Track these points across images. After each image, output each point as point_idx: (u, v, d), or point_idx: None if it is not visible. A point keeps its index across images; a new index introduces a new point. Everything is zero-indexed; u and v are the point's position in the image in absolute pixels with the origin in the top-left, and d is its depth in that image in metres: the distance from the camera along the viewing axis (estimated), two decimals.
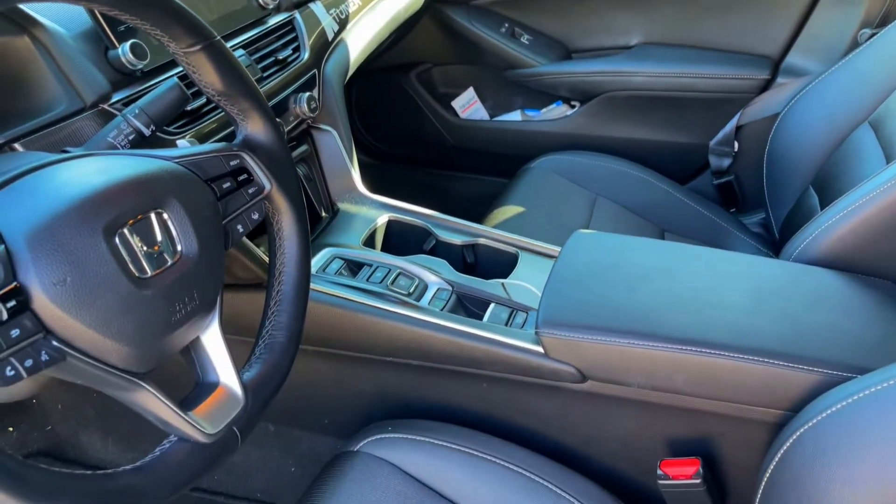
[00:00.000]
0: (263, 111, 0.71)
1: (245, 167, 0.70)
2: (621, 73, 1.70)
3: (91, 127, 0.78)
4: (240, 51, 1.00)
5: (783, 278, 0.94)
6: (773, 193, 1.46)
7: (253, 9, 1.07)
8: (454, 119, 1.95)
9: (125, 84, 0.83)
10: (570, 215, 1.45)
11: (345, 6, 1.32)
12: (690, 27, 1.69)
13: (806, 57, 1.57)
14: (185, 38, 0.63)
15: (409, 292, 1.00)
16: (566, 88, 1.80)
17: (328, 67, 1.20)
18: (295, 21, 1.15)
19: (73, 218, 0.52)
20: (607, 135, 1.79)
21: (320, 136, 1.20)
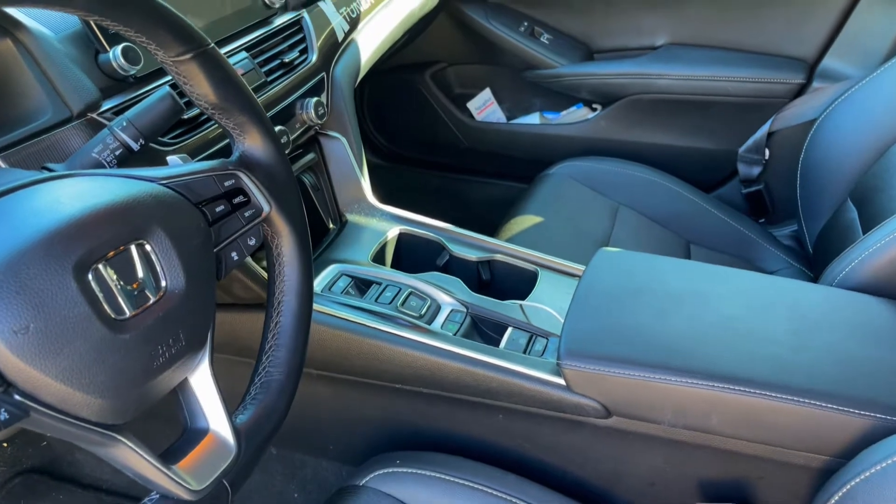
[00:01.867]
0: (262, 125, 0.64)
1: (241, 187, 0.63)
2: (646, 75, 1.62)
3: (78, 137, 0.72)
4: (242, 53, 0.94)
5: (826, 306, 0.87)
6: (808, 205, 1.38)
7: (258, 8, 1.00)
8: (469, 121, 1.88)
9: (116, 91, 0.77)
10: (592, 226, 1.38)
11: (356, 4, 1.25)
12: (720, 28, 1.60)
13: (844, 60, 1.48)
14: (174, 45, 0.57)
15: (420, 314, 0.93)
16: (587, 90, 1.72)
17: (338, 70, 1.13)
18: (303, 21, 1.08)
19: (40, 254, 0.46)
20: (630, 139, 1.71)
21: (328, 144, 1.13)
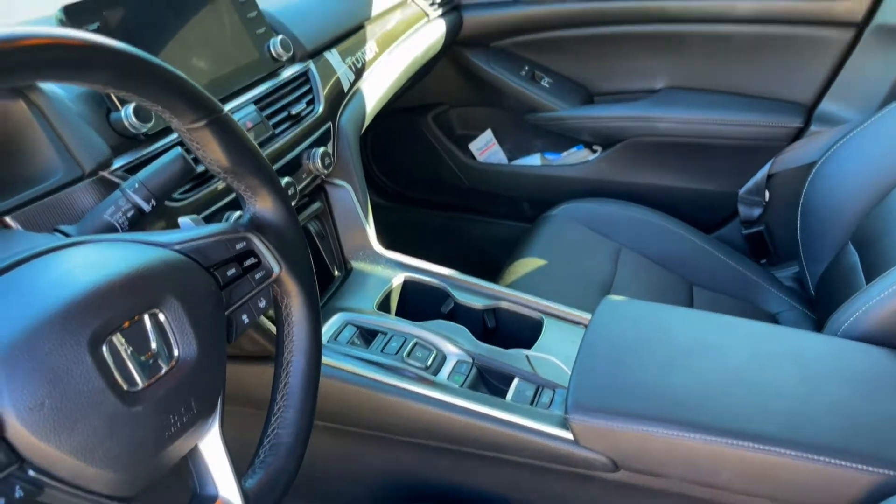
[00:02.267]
0: (273, 187, 0.65)
1: (252, 249, 0.64)
2: (646, 118, 1.64)
3: (89, 196, 0.73)
4: (251, 106, 0.95)
5: (832, 358, 0.87)
6: (809, 247, 1.38)
7: (266, 61, 1.02)
8: (472, 162, 1.90)
9: (127, 148, 0.78)
10: (595, 269, 1.38)
11: (361, 54, 1.27)
12: (718, 72, 1.63)
13: (841, 104, 1.50)
14: (188, 113, 0.57)
15: (426, 365, 0.93)
16: (588, 133, 1.74)
17: (344, 119, 1.15)
18: (309, 72, 1.10)
19: (56, 329, 0.46)
20: (631, 181, 1.72)
21: (334, 191, 1.14)
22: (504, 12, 1.67)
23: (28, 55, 0.44)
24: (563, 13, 1.64)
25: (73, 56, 0.47)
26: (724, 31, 1.57)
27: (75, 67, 0.48)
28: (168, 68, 0.55)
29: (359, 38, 1.29)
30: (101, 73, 0.50)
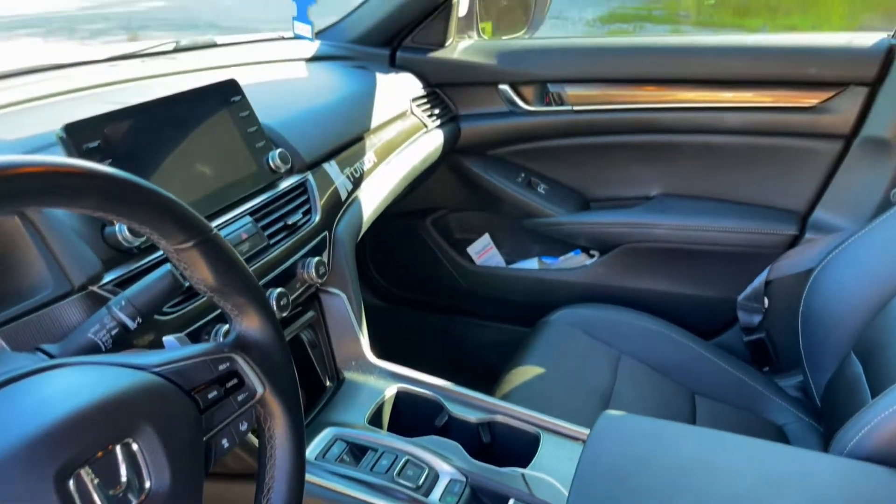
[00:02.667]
0: (260, 306, 0.64)
1: (236, 370, 0.62)
2: (641, 224, 1.66)
3: (77, 311, 0.72)
4: (247, 218, 0.96)
5: (840, 482, 0.83)
6: (811, 356, 1.36)
7: (265, 173, 1.04)
8: (469, 265, 1.90)
9: (118, 262, 0.78)
10: (594, 378, 1.36)
11: (360, 164, 1.30)
12: (711, 180, 1.66)
13: (835, 213, 1.52)
14: (177, 235, 0.57)
15: (417, 485, 0.89)
16: (585, 238, 1.75)
17: (340, 228, 1.16)
18: (307, 183, 1.12)
19: (23, 461, 0.44)
20: (629, 286, 1.72)
21: (328, 300, 1.13)
22: (500, 122, 1.72)
23: (14, 185, 0.44)
24: (557, 124, 1.69)
25: (62, 183, 0.48)
26: (715, 142, 1.61)
27: (64, 194, 0.48)
28: (157, 191, 0.55)
29: (358, 149, 1.32)
30: (90, 198, 0.50)
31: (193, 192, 0.91)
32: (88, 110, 0.89)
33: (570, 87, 1.66)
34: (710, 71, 1.56)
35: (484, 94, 1.72)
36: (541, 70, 1.68)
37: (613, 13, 8.96)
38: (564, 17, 8.39)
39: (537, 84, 1.69)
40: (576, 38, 1.73)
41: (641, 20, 8.72)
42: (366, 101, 1.43)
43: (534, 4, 1.85)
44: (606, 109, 1.65)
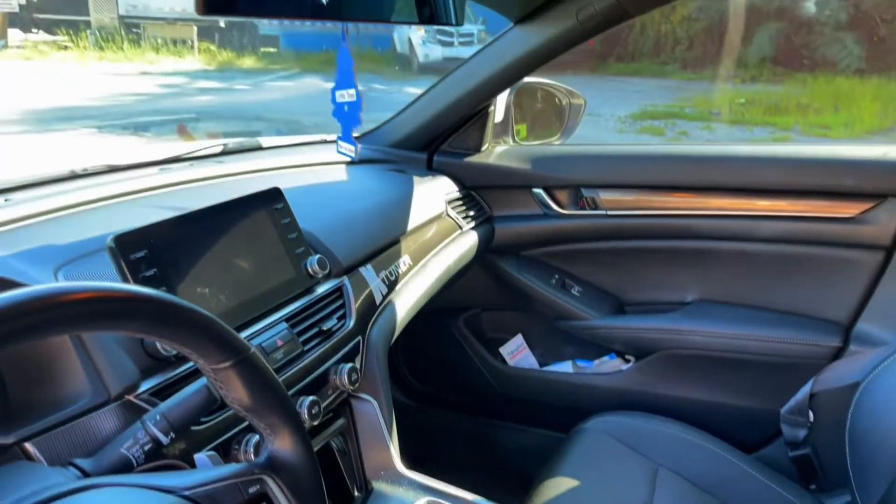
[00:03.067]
0: (294, 426, 0.64)
1: (266, 492, 0.61)
2: (678, 331, 1.63)
3: (112, 421, 0.73)
4: (283, 324, 0.97)
5: None
6: (860, 474, 1.29)
7: (302, 278, 1.06)
8: (502, 366, 1.88)
9: (155, 371, 0.79)
10: (630, 492, 1.30)
11: (395, 266, 1.31)
12: (749, 287, 1.64)
13: (880, 325, 1.47)
14: (215, 355, 0.58)
15: None
16: (620, 343, 1.72)
17: (373, 333, 1.16)
18: (343, 288, 1.13)
19: None
20: (666, 393, 1.67)
21: (359, 406, 1.12)
22: (534, 224, 1.74)
23: (61, 312, 0.45)
24: (591, 227, 1.70)
25: (107, 309, 0.49)
26: (751, 250, 1.60)
27: (109, 319, 0.50)
28: (198, 312, 0.56)
29: (394, 252, 1.34)
30: (134, 322, 0.51)
31: (234, 299, 0.92)
32: (139, 216, 0.93)
33: (603, 191, 1.68)
34: (745, 179, 1.57)
35: (518, 196, 1.75)
36: (574, 175, 1.70)
37: (645, 111, 9.17)
38: (597, 114, 8.61)
39: (571, 188, 1.71)
40: (609, 145, 1.77)
41: (673, 117, 8.90)
42: (403, 204, 1.46)
43: (567, 111, 1.91)
44: (640, 215, 1.66)
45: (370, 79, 11.52)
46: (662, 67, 13.14)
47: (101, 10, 15.75)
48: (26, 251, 0.89)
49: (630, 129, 8.23)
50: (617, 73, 12.88)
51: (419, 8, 1.06)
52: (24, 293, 0.44)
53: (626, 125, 8.37)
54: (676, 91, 10.94)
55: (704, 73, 12.00)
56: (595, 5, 1.37)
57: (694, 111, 9.34)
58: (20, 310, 0.43)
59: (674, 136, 7.87)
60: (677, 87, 11.41)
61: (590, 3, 1.37)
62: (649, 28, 13.39)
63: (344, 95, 1.02)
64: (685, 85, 11.44)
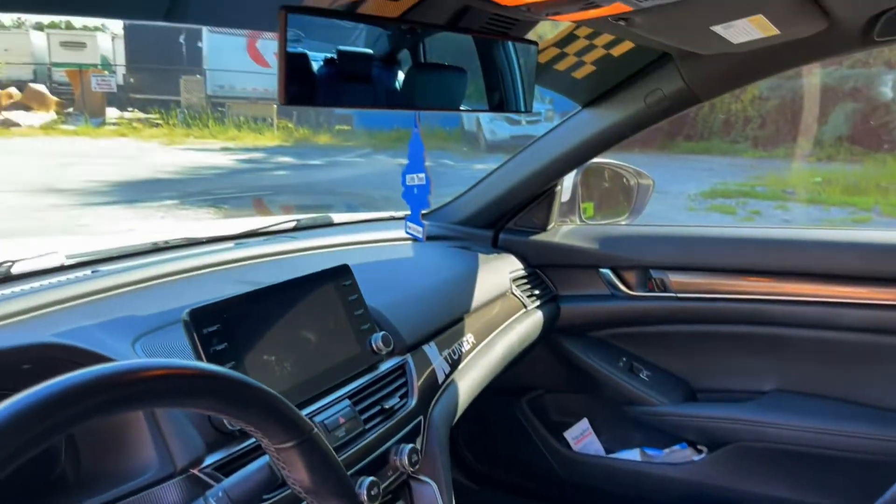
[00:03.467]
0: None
1: None
2: (755, 422, 1.54)
3: (174, 494, 0.73)
4: (346, 402, 0.97)
5: None
6: None
7: (366, 355, 1.06)
8: (566, 451, 1.82)
9: (220, 445, 0.80)
10: None
11: (458, 345, 1.31)
12: (831, 378, 1.55)
13: None
14: (279, 434, 0.59)
15: None
16: (692, 431, 1.65)
17: (435, 413, 1.15)
18: (406, 365, 1.13)
19: None
20: (742, 489, 1.58)
21: (419, 488, 1.10)
22: (601, 305, 1.71)
23: (135, 388, 0.47)
24: (660, 310, 1.66)
25: (179, 386, 0.50)
26: (832, 338, 1.52)
27: (180, 395, 0.51)
28: (265, 391, 0.57)
29: (458, 330, 1.33)
30: (202, 399, 0.53)
31: (300, 375, 0.93)
32: (214, 290, 0.96)
33: (673, 273, 1.64)
34: (824, 264, 1.51)
35: (585, 276, 1.73)
36: (643, 256, 1.68)
37: (715, 189, 9.03)
38: (665, 192, 8.53)
39: (639, 269, 1.69)
40: (679, 226, 1.74)
41: (745, 196, 8.72)
42: (468, 282, 1.46)
43: (636, 191, 1.90)
44: (712, 298, 1.61)
45: (438, 155, 11.82)
46: (733, 146, 13.00)
47: (191, 91, 16.87)
48: (108, 322, 0.93)
49: (700, 206, 8.10)
50: (686, 152, 12.80)
51: (489, 96, 1.09)
52: (95, 372, 0.46)
53: (695, 203, 8.24)
54: (748, 169, 10.77)
55: (777, 151, 11.80)
56: (663, 90, 1.38)
57: (767, 190, 9.14)
58: (91, 389, 0.45)
59: (746, 216, 7.70)
60: (749, 165, 11.23)
61: (658, 88, 1.38)
62: (719, 107, 13.35)
63: (414, 179, 1.05)
64: (757, 163, 11.25)
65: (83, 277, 1.07)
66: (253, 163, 11.28)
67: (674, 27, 1.02)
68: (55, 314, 0.95)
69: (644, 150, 12.27)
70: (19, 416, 0.42)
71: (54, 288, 1.00)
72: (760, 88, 12.72)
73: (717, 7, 0.91)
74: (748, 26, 1.02)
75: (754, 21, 1.00)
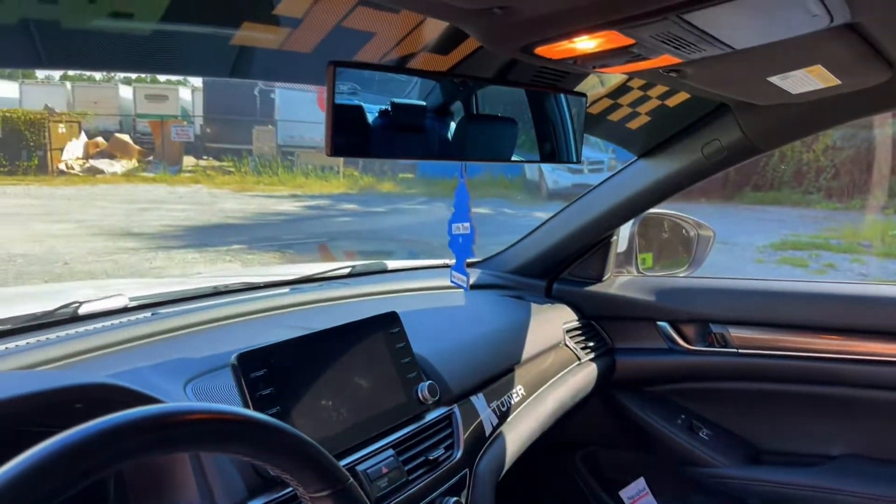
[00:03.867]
0: None
1: None
2: (824, 488, 1.45)
3: None
4: (389, 451, 0.97)
5: None
6: None
7: (412, 404, 1.06)
8: None
9: (262, 490, 0.80)
10: None
11: (508, 396, 1.29)
12: None
13: None
14: (314, 483, 0.59)
15: None
16: (756, 497, 1.56)
17: (481, 466, 1.12)
18: (453, 416, 1.12)
19: None
20: None
21: None
22: (658, 359, 1.66)
23: (168, 433, 0.48)
24: (721, 366, 1.60)
25: (218, 430, 0.51)
26: None
27: (218, 440, 0.52)
28: (301, 439, 0.57)
29: (507, 381, 1.31)
30: (240, 444, 0.53)
31: (345, 422, 0.94)
32: (266, 334, 0.98)
33: (734, 328, 1.59)
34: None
35: (641, 329, 1.69)
36: (702, 309, 1.63)
37: (786, 241, 8.72)
38: (732, 243, 8.29)
39: (698, 323, 1.63)
40: (741, 279, 1.68)
41: (817, 248, 8.39)
42: (519, 332, 1.45)
43: (696, 243, 1.85)
44: (778, 355, 1.54)
45: (500, 203, 11.87)
46: (805, 196, 12.59)
47: (263, 140, 17.57)
48: (163, 363, 0.96)
49: (769, 259, 7.83)
50: (754, 202, 12.47)
51: (541, 147, 1.09)
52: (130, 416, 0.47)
53: (765, 255, 7.97)
54: (821, 221, 10.39)
55: (852, 203, 11.36)
56: (721, 140, 1.35)
57: (841, 242, 8.77)
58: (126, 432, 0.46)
59: (819, 269, 7.39)
60: (822, 216, 10.84)
61: (716, 138, 1.36)
62: (790, 157, 13.01)
63: (459, 228, 1.06)
64: (831, 215, 10.85)
65: (144, 319, 1.11)
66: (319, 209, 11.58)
67: (728, 78, 1.01)
68: (114, 354, 0.99)
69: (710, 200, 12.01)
70: (51, 458, 0.44)
71: (116, 329, 1.04)
72: (833, 138, 12.36)
73: (773, 58, 0.90)
74: (807, 77, 1.00)
75: (813, 72, 0.97)
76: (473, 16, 0.62)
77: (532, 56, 0.75)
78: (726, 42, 0.74)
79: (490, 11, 0.60)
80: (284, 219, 10.40)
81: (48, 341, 0.96)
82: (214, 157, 17.79)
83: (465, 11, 0.61)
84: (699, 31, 0.68)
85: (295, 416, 0.87)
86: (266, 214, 10.73)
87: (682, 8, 0.60)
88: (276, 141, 17.66)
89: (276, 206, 11.62)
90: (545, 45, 0.70)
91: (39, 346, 0.94)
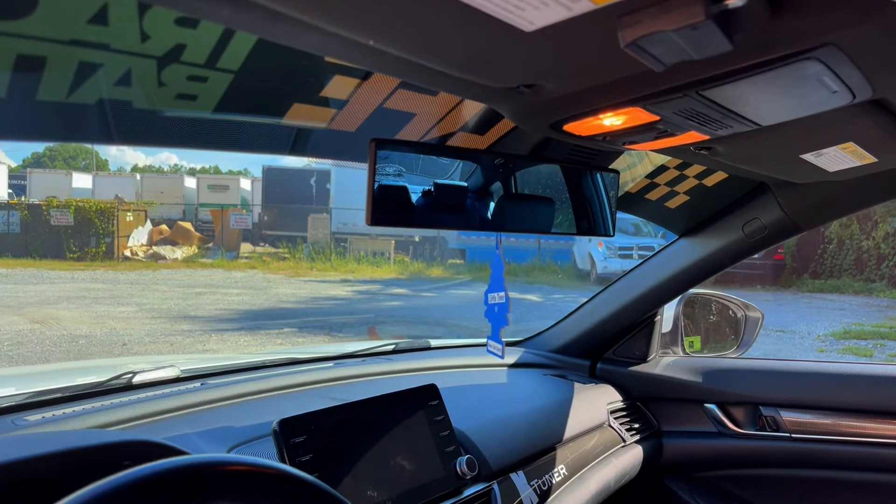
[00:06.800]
0: None
1: None
2: None
3: None
4: None
5: None
6: None
7: (450, 478, 1.05)
8: None
9: None
10: None
11: (549, 476, 1.26)
12: None
13: None
14: None
15: None
16: None
17: None
18: (492, 493, 1.10)
19: None
20: None
21: None
22: (707, 443, 1.61)
23: (203, 483, 0.51)
24: (772, 451, 1.54)
25: (251, 482, 0.53)
26: None
27: (251, 494, 0.54)
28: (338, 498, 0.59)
29: (548, 460, 1.29)
30: (271, 499, 0.55)
31: (381, 493, 0.94)
32: (309, 405, 1.00)
33: (786, 411, 1.53)
34: None
35: (689, 411, 1.65)
36: (752, 391, 1.58)
37: (848, 330, 8.38)
38: (792, 331, 8.02)
39: (748, 405, 1.59)
40: (792, 361, 1.63)
41: (882, 338, 8.03)
42: (561, 411, 1.43)
43: (743, 324, 1.82)
44: (833, 440, 1.47)
45: (549, 290, 11.83)
46: (867, 285, 12.18)
47: (317, 227, 18.12)
48: (209, 431, 0.99)
49: (831, 348, 7.51)
50: (814, 290, 12.10)
51: (578, 222, 1.12)
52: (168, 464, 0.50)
53: (826, 344, 7.66)
54: (885, 310, 9.98)
55: None
56: (762, 219, 1.36)
57: None
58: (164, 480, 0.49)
59: (885, 359, 7.05)
60: (885, 305, 10.42)
61: (756, 217, 1.37)
62: (849, 244, 12.69)
63: (495, 297, 1.08)
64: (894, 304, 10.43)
65: (193, 389, 1.15)
66: (369, 294, 11.74)
67: (760, 156, 1.03)
68: (163, 421, 1.02)
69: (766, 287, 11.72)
70: None
71: (166, 397, 1.08)
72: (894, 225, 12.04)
73: (803, 135, 0.91)
74: (840, 154, 1.00)
75: (846, 149, 0.98)
76: (503, 95, 0.67)
77: (562, 133, 0.79)
78: (751, 119, 0.76)
79: (518, 90, 0.65)
80: (335, 303, 10.56)
81: (102, 407, 1.01)
82: (270, 244, 18.38)
83: (495, 91, 0.65)
84: (721, 108, 0.70)
85: (333, 483, 0.88)
86: (317, 299, 10.92)
87: (700, 85, 0.62)
88: (329, 228, 18.18)
89: (327, 291, 11.83)
90: (573, 121, 0.74)
91: (94, 411, 0.99)
